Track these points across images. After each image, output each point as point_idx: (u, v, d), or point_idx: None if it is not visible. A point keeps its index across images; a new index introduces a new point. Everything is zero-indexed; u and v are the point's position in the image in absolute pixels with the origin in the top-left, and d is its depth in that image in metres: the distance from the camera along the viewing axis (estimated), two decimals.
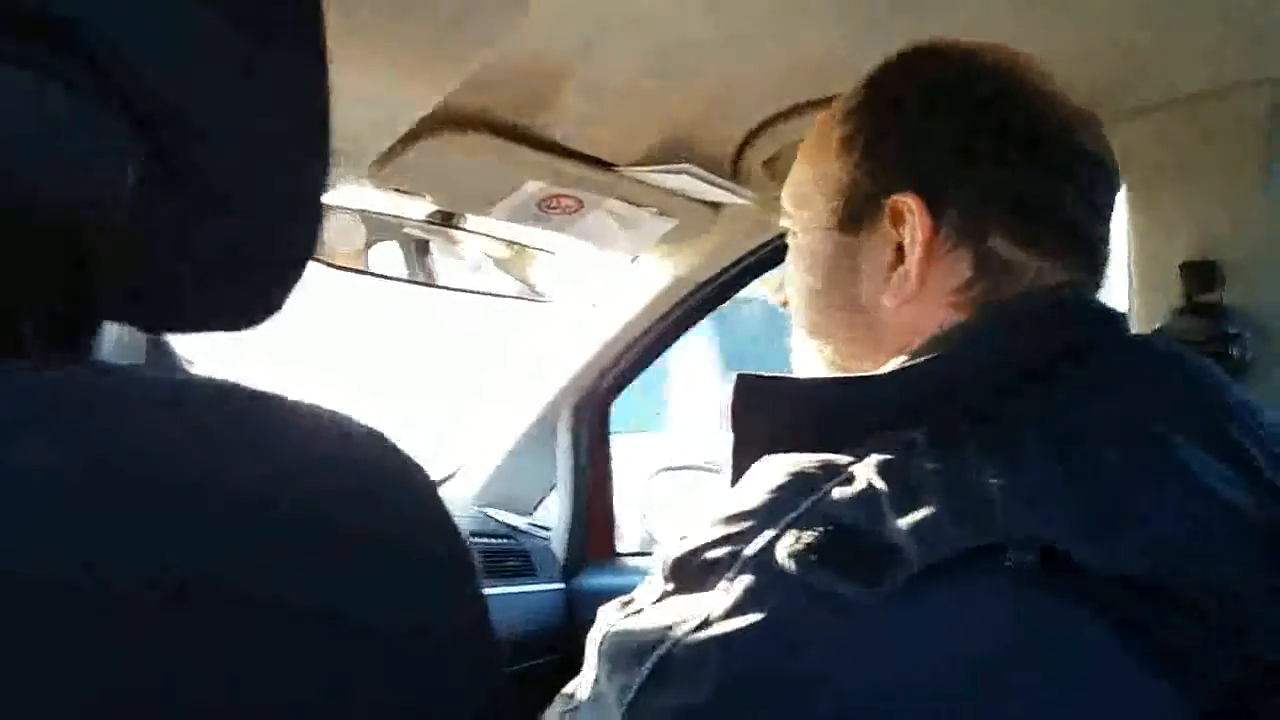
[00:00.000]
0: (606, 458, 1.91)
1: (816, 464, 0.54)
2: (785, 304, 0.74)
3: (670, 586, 0.55)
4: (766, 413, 0.61)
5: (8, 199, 0.28)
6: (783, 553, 0.50)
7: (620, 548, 1.94)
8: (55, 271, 0.31)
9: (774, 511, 0.52)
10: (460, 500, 1.88)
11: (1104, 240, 0.67)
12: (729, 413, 0.62)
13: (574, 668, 1.67)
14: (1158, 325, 1.07)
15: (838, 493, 0.51)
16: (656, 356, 1.77)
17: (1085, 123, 0.65)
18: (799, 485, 0.53)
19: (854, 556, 0.49)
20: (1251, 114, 0.99)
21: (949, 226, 0.63)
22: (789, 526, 0.51)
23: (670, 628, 0.51)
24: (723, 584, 0.51)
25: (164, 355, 0.45)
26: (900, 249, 0.64)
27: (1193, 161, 1.04)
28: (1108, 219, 0.67)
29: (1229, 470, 0.53)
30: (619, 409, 1.87)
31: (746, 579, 0.50)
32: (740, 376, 0.62)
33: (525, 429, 1.84)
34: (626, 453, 1.98)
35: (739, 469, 0.60)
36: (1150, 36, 0.92)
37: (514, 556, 1.78)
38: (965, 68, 0.66)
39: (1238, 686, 0.47)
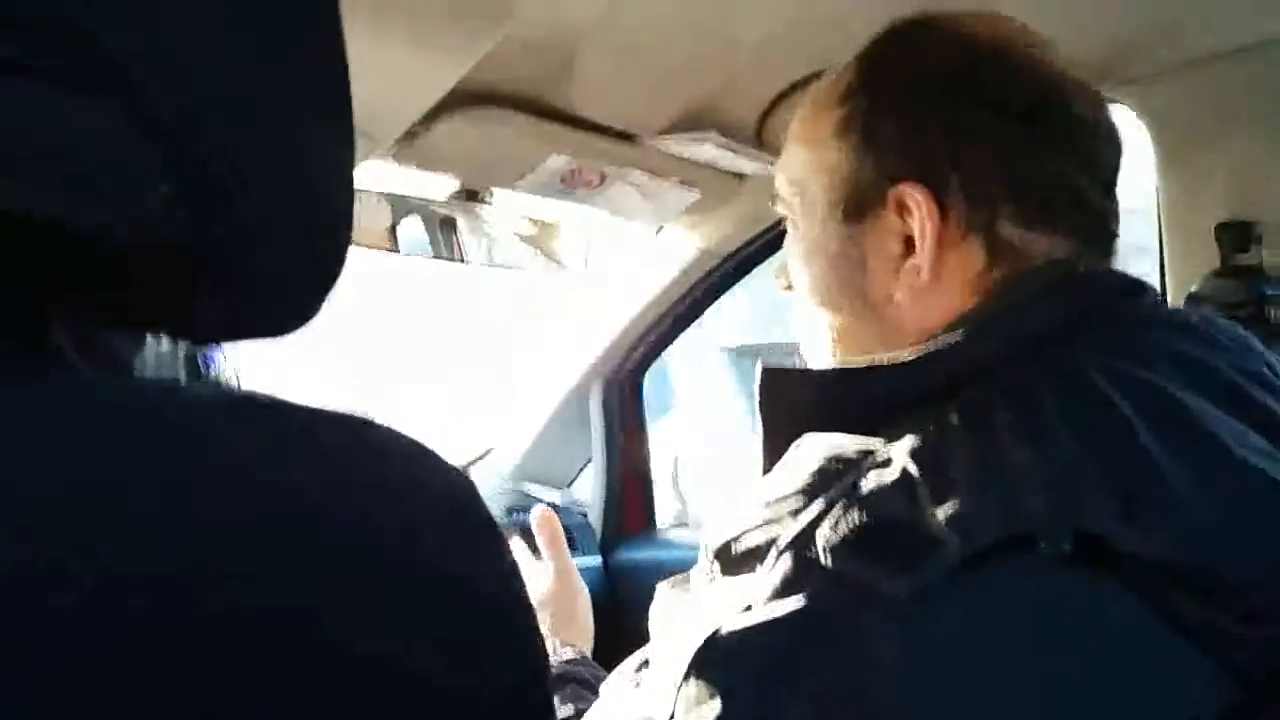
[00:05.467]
0: (641, 431, 1.92)
1: (851, 446, 0.54)
2: (789, 288, 0.72)
3: (717, 570, 0.55)
4: (794, 402, 0.61)
5: (32, 212, 0.28)
6: (820, 541, 0.49)
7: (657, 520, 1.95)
8: (86, 283, 0.32)
9: (810, 495, 0.52)
10: (496, 476, 1.90)
11: (1111, 209, 0.65)
12: (757, 403, 0.62)
13: (614, 640, 1.69)
14: (1193, 289, 1.05)
15: (873, 476, 0.51)
16: (685, 328, 1.76)
17: (1082, 91, 0.63)
18: (834, 469, 0.53)
19: (890, 546, 0.48)
20: None
21: (957, 214, 0.61)
22: (825, 512, 0.50)
23: (717, 611, 0.52)
24: (763, 569, 0.51)
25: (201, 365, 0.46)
26: (908, 240, 0.62)
27: (1225, 122, 1.01)
28: (1113, 186, 0.65)
29: (1259, 438, 0.51)
30: None
31: (785, 565, 0.50)
32: (766, 369, 0.62)
33: (558, 405, 1.85)
34: None
35: (770, 457, 0.60)
36: None
37: None
38: (958, 43, 0.64)
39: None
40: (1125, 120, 1.07)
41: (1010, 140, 0.61)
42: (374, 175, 1.23)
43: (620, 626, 1.77)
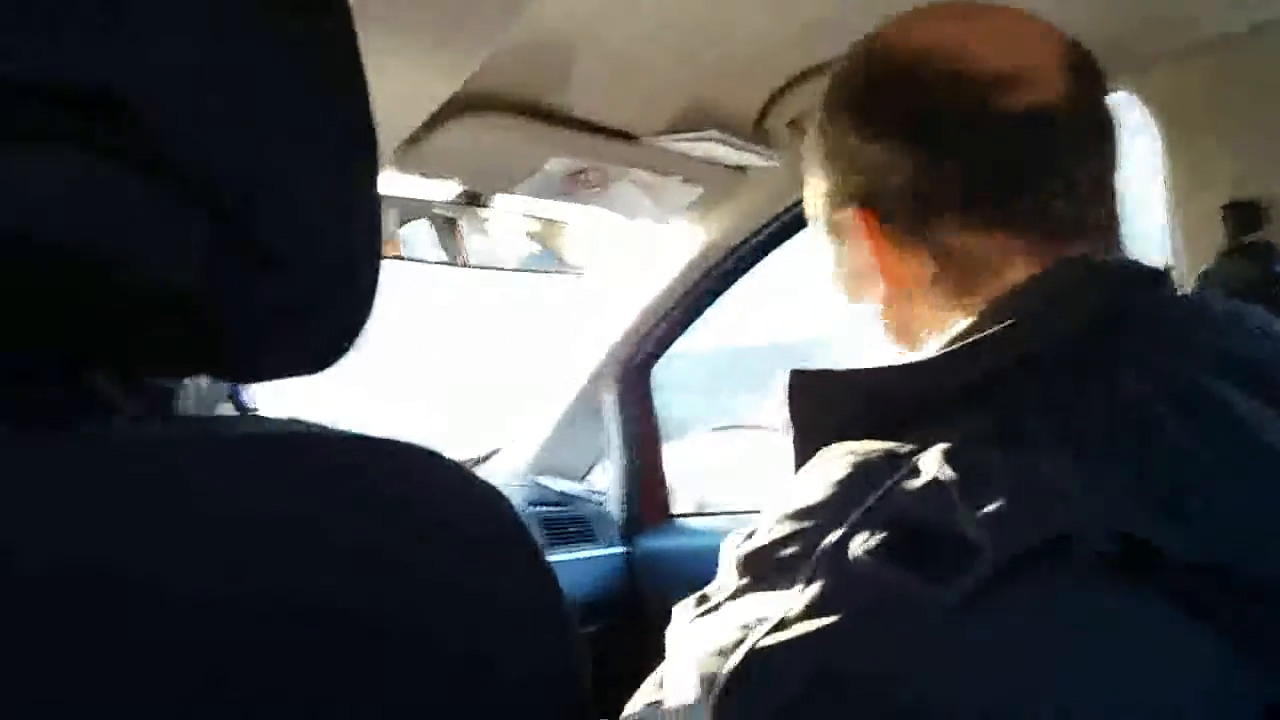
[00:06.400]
0: (653, 421, 1.92)
1: (880, 454, 0.53)
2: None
3: (744, 583, 0.54)
4: (822, 403, 0.61)
5: (71, 268, 0.29)
6: (856, 551, 0.49)
7: (676, 509, 1.96)
8: (128, 330, 0.32)
9: (842, 507, 0.51)
10: (513, 470, 1.91)
11: (1085, 200, 0.61)
12: (785, 407, 0.62)
13: (638, 630, 1.69)
14: (1203, 269, 1.04)
15: (905, 485, 0.50)
16: (692, 321, 1.77)
17: (1021, 85, 0.59)
18: (865, 478, 0.52)
19: (928, 554, 0.47)
20: None
21: (897, 226, 0.62)
22: (859, 523, 0.50)
23: (748, 628, 0.51)
24: (798, 583, 0.50)
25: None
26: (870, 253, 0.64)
27: (1231, 102, 1.00)
28: (1081, 175, 0.61)
29: None
30: None
31: (821, 579, 0.49)
32: (793, 371, 0.62)
33: (571, 398, 1.86)
34: None
35: (802, 459, 0.59)
36: None
37: (573, 523, 1.81)
38: (889, 54, 0.63)
39: None
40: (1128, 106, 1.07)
41: (936, 145, 0.60)
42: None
43: (644, 614, 1.80)
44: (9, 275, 0.28)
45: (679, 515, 1.94)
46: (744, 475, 1.95)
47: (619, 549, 1.83)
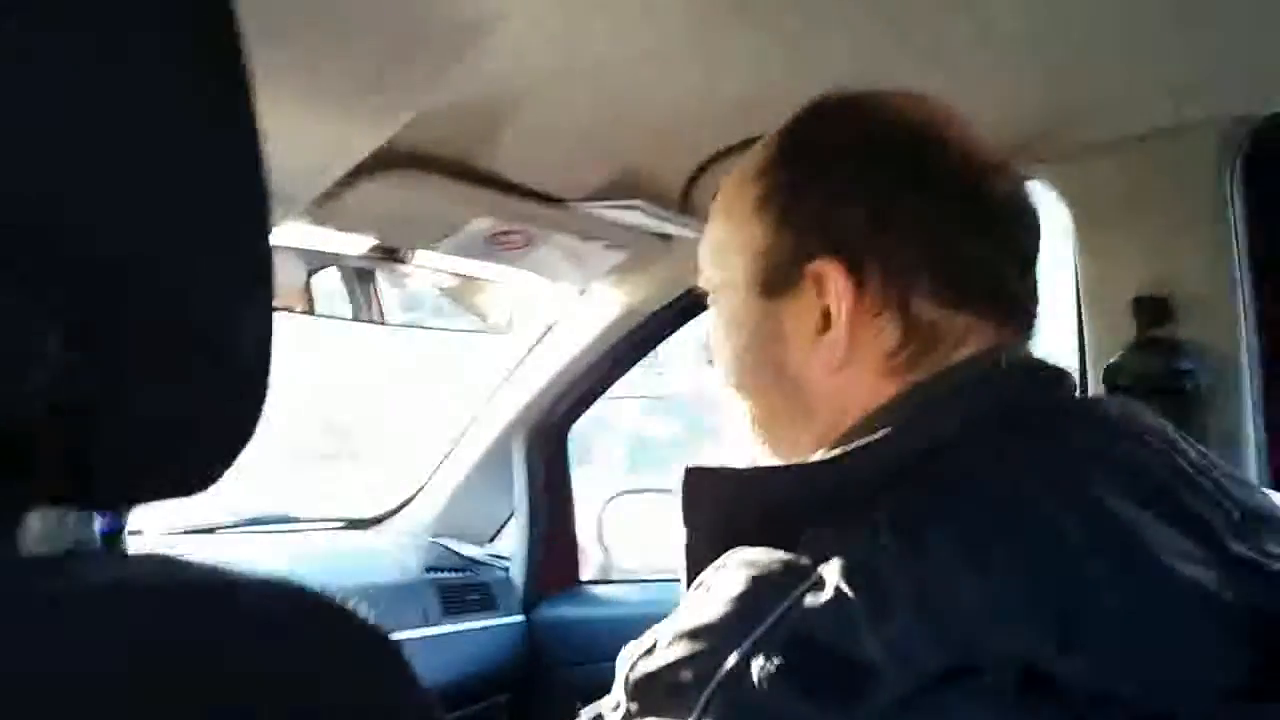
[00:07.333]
0: (566, 485, 1.89)
1: (778, 565, 0.51)
2: (711, 362, 0.71)
3: (634, 707, 0.52)
4: (715, 505, 0.59)
5: None
6: (754, 677, 0.47)
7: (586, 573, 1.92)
8: None
9: (740, 628, 0.49)
10: (413, 531, 1.85)
11: (1032, 293, 0.64)
12: (679, 507, 0.59)
13: (538, 704, 1.63)
14: (1111, 361, 1.07)
15: (807, 602, 0.48)
16: (611, 384, 1.76)
17: (1005, 172, 0.62)
18: (764, 594, 0.50)
19: (828, 678, 0.46)
20: (1202, 151, 0.99)
21: (872, 291, 0.60)
22: (758, 646, 0.48)
23: None
24: (692, 712, 0.48)
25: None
26: (826, 315, 0.61)
27: (1143, 198, 1.04)
28: (1034, 270, 0.64)
29: (1189, 543, 0.51)
30: None
31: (717, 708, 0.48)
32: (688, 469, 0.60)
33: (479, 457, 1.81)
34: None
35: (694, 566, 0.57)
36: (1099, 78, 0.93)
37: (472, 590, 1.75)
38: (880, 122, 0.63)
39: None
40: (1042, 197, 1.10)
41: (929, 220, 0.60)
42: (287, 233, 1.19)
43: (545, 685, 1.75)
44: None
45: (588, 582, 1.91)
46: (653, 540, 1.93)
47: (519, 618, 1.78)
